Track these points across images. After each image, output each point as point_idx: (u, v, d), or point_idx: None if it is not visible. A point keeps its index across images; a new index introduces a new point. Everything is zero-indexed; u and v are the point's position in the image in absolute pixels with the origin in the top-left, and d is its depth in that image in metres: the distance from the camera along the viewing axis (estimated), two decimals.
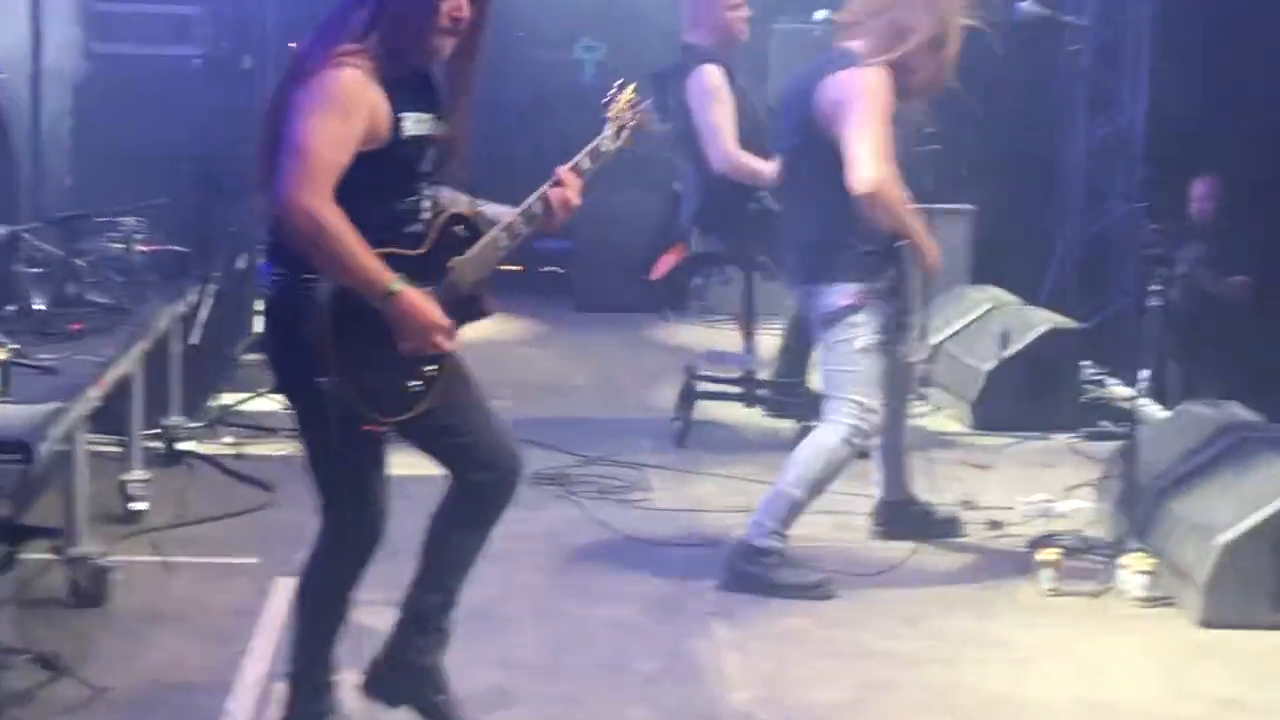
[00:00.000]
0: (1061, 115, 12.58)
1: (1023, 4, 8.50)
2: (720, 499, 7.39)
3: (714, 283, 9.11)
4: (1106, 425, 8.64)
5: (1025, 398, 8.81)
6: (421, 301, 4.20)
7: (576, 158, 4.55)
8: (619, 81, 4.77)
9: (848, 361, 6.26)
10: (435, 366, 4.34)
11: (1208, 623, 5.94)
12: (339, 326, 4.17)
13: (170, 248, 7.50)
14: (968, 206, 11.12)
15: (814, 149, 6.28)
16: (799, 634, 5.83)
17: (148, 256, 7.27)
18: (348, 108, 4.12)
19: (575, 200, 4.46)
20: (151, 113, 8.15)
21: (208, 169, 8.27)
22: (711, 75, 8.03)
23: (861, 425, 6.23)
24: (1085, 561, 6.57)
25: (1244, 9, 10.71)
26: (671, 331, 11.55)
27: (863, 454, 6.57)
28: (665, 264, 8.36)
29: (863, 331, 6.22)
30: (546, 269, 13.34)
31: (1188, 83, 11.33)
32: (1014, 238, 12.17)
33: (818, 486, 6.27)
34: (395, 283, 4.14)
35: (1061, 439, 8.65)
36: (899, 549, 6.64)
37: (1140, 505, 6.53)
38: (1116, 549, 6.47)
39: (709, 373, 8.77)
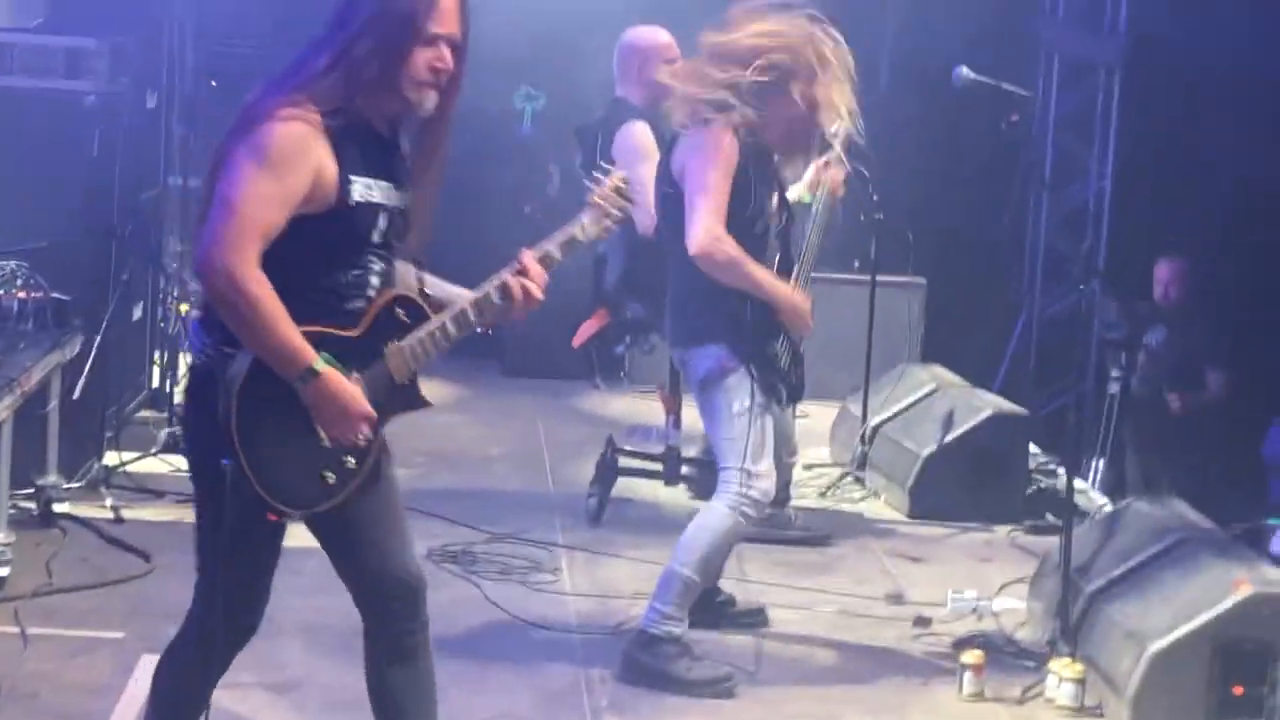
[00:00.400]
0: (1025, 185, 12.58)
1: (960, 70, 8.45)
2: (631, 584, 7.27)
3: (637, 351, 9.04)
4: (1051, 518, 8.57)
5: (966, 486, 8.70)
6: (344, 386, 4.02)
7: (546, 244, 4.33)
8: (607, 168, 4.51)
9: (726, 428, 6.18)
10: (354, 460, 4.16)
11: None
12: (251, 403, 3.99)
13: (52, 294, 7.37)
14: (918, 280, 11.02)
15: (676, 206, 6.24)
16: None
17: (26, 303, 7.16)
18: (286, 164, 3.94)
19: (538, 294, 4.25)
20: (39, 151, 8.02)
21: (98, 212, 8.16)
22: (640, 133, 7.98)
23: (748, 493, 6.14)
24: (1013, 665, 6.50)
25: (1210, 75, 10.75)
26: (602, 401, 11.43)
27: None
28: (586, 330, 8.28)
29: (736, 396, 6.15)
30: (479, 330, 13.22)
31: (1155, 154, 11.38)
32: (969, 314, 12.14)
33: (708, 563, 6.19)
34: (318, 362, 3.97)
35: (1003, 531, 8.56)
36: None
37: (1073, 607, 6.47)
38: (1046, 653, 6.40)
39: (630, 447, 8.67)
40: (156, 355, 9.65)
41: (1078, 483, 9.87)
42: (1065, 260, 12.24)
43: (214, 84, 11.46)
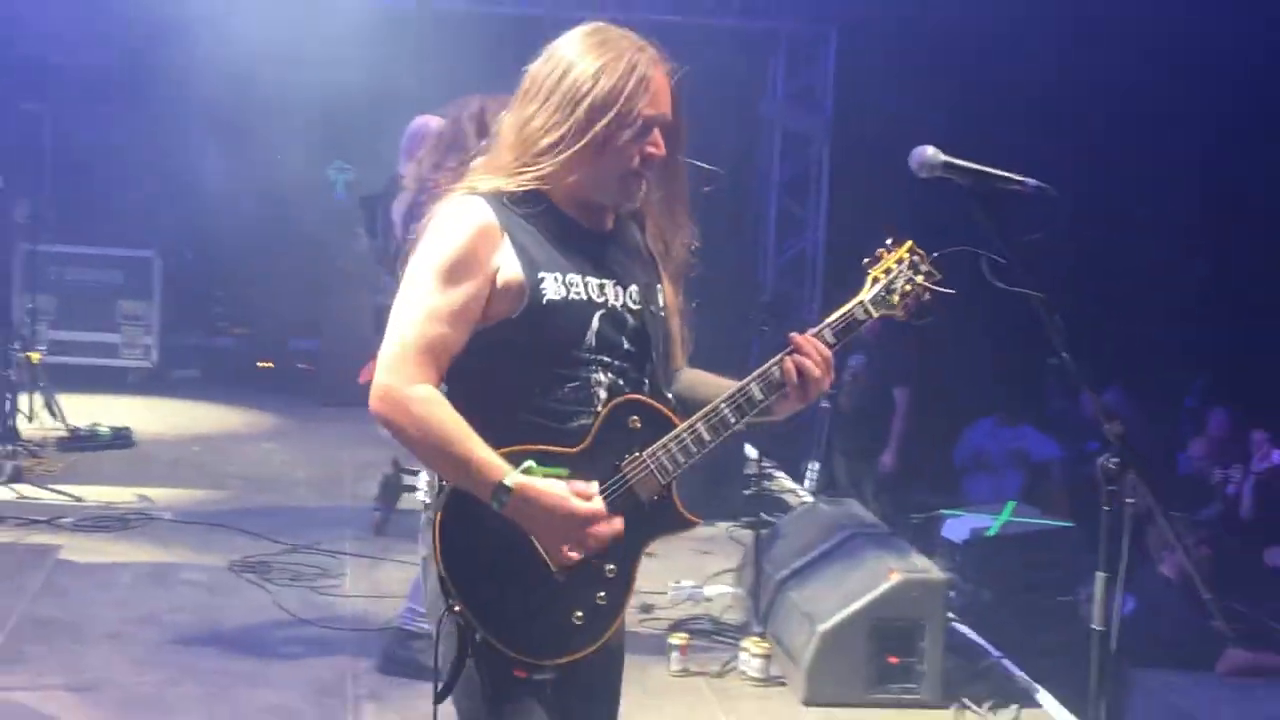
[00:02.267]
0: (756, 237, 12.69)
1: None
2: (404, 586, 7.03)
3: None
4: (765, 516, 8.56)
5: (691, 488, 8.64)
6: (547, 489, 2.92)
7: (824, 323, 3.28)
8: (889, 240, 3.42)
9: None
10: (604, 594, 3.03)
11: (810, 701, 5.88)
12: (462, 537, 2.97)
13: None
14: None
15: None
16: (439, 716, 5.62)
17: None
18: (457, 269, 2.96)
19: (817, 370, 3.16)
20: None
21: None
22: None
23: None
24: (716, 644, 6.48)
25: (903, 144, 10.85)
26: None
27: None
28: (368, 371, 8.09)
29: None
30: (300, 365, 13.04)
31: (860, 209, 11.49)
32: (712, 344, 12.12)
33: None
34: (509, 475, 2.89)
35: (724, 526, 8.54)
36: None
37: (763, 592, 6.47)
38: (741, 633, 6.39)
39: (412, 467, 8.52)
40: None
41: (789, 482, 10.01)
42: (790, 298, 12.36)
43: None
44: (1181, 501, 10.01)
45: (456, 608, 2.95)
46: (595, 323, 3.06)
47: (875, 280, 3.33)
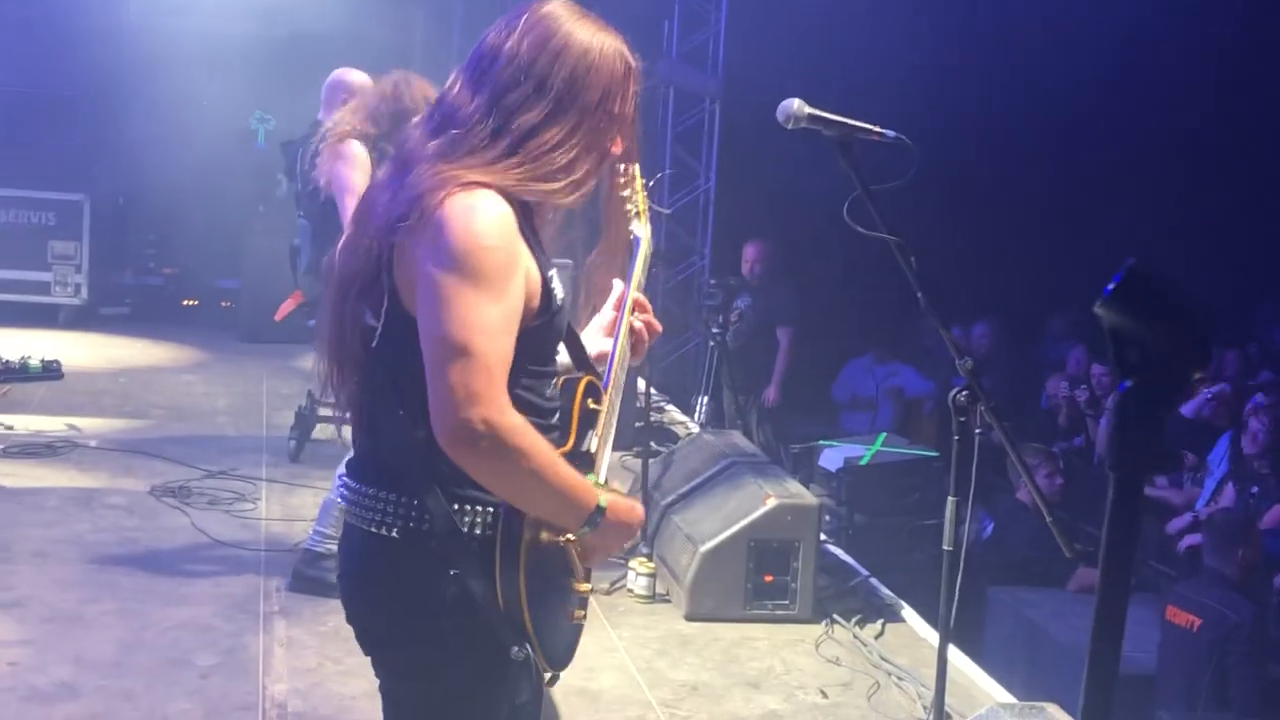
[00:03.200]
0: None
1: None
2: (315, 510, 6.98)
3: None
4: (654, 445, 8.54)
5: None
6: (630, 506, 2.66)
7: (632, 275, 3.00)
8: (624, 169, 3.00)
9: None
10: (588, 585, 2.75)
11: (692, 616, 5.88)
12: (522, 569, 2.53)
13: None
14: (565, 261, 10.91)
15: None
16: (345, 631, 5.54)
17: None
18: (500, 273, 2.45)
19: (658, 325, 2.99)
20: None
21: None
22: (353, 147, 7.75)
23: None
24: (607, 564, 6.43)
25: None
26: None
27: None
28: (285, 308, 7.97)
29: None
30: (223, 303, 12.84)
31: (746, 162, 11.46)
32: (606, 286, 12.08)
33: None
34: (603, 495, 2.57)
35: (617, 455, 8.50)
36: None
37: (651, 516, 6.45)
38: (629, 554, 6.36)
39: (325, 399, 8.40)
40: None
41: (680, 415, 9.99)
42: (682, 245, 12.32)
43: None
44: (1047, 433, 10.14)
45: (522, 650, 2.57)
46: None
47: (638, 212, 3.12)
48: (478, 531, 2.54)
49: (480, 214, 2.46)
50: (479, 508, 2.55)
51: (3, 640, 5.18)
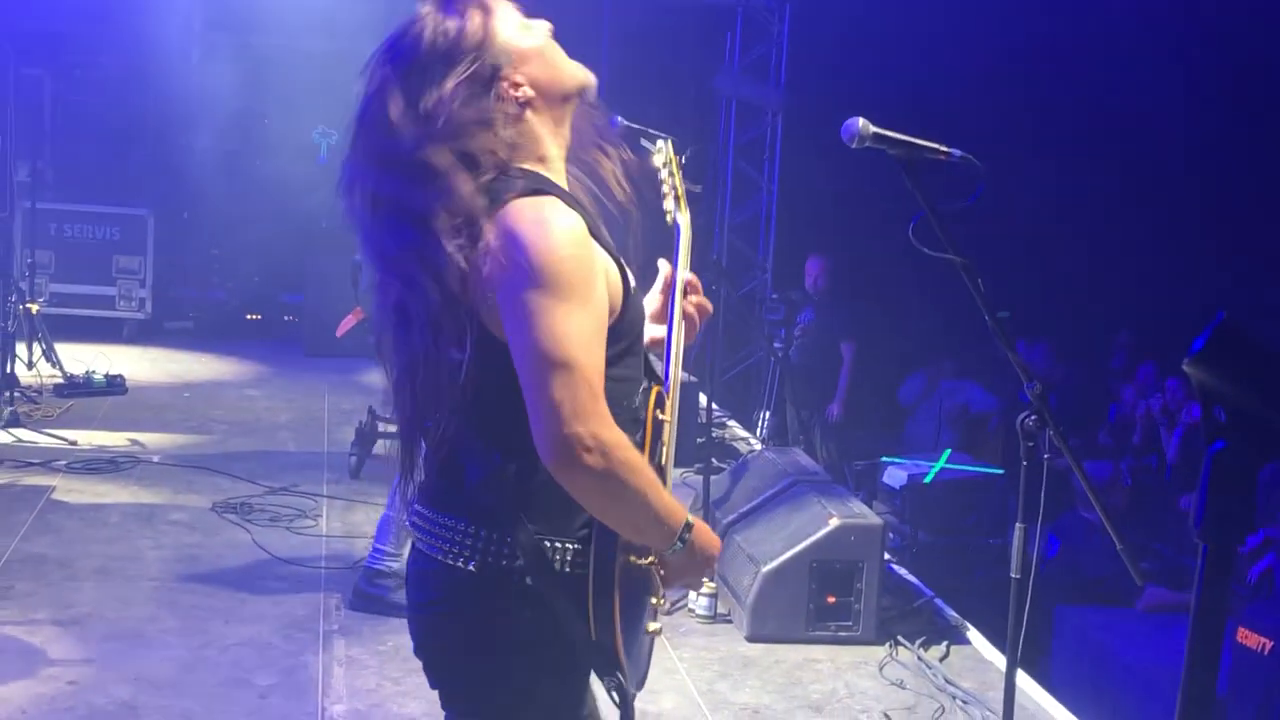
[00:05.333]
0: (710, 200, 12.56)
1: (618, 119, 8.32)
2: (374, 526, 7.04)
3: None
4: (716, 462, 8.47)
5: None
6: (711, 534, 2.57)
7: (677, 262, 2.89)
8: (657, 143, 3.06)
9: None
10: (663, 599, 2.66)
11: (753, 638, 5.81)
12: (615, 596, 2.47)
13: None
14: None
15: None
16: (404, 651, 5.54)
17: None
18: (585, 278, 2.38)
19: (708, 304, 2.89)
20: None
21: None
22: None
23: None
24: None
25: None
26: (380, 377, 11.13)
27: None
28: (346, 324, 8.00)
29: None
30: (286, 318, 12.90)
31: (809, 177, 11.39)
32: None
33: None
34: (688, 513, 2.51)
35: (678, 471, 8.45)
36: None
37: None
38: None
39: (386, 414, 8.41)
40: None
41: (742, 431, 9.93)
42: (744, 259, 12.26)
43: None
44: (1114, 448, 10.00)
45: (613, 680, 2.52)
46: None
47: (677, 194, 3.01)
48: (568, 570, 2.48)
49: (550, 225, 2.37)
50: (567, 543, 2.49)
51: (64, 659, 5.20)
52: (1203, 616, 1.16)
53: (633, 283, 2.54)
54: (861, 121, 3.19)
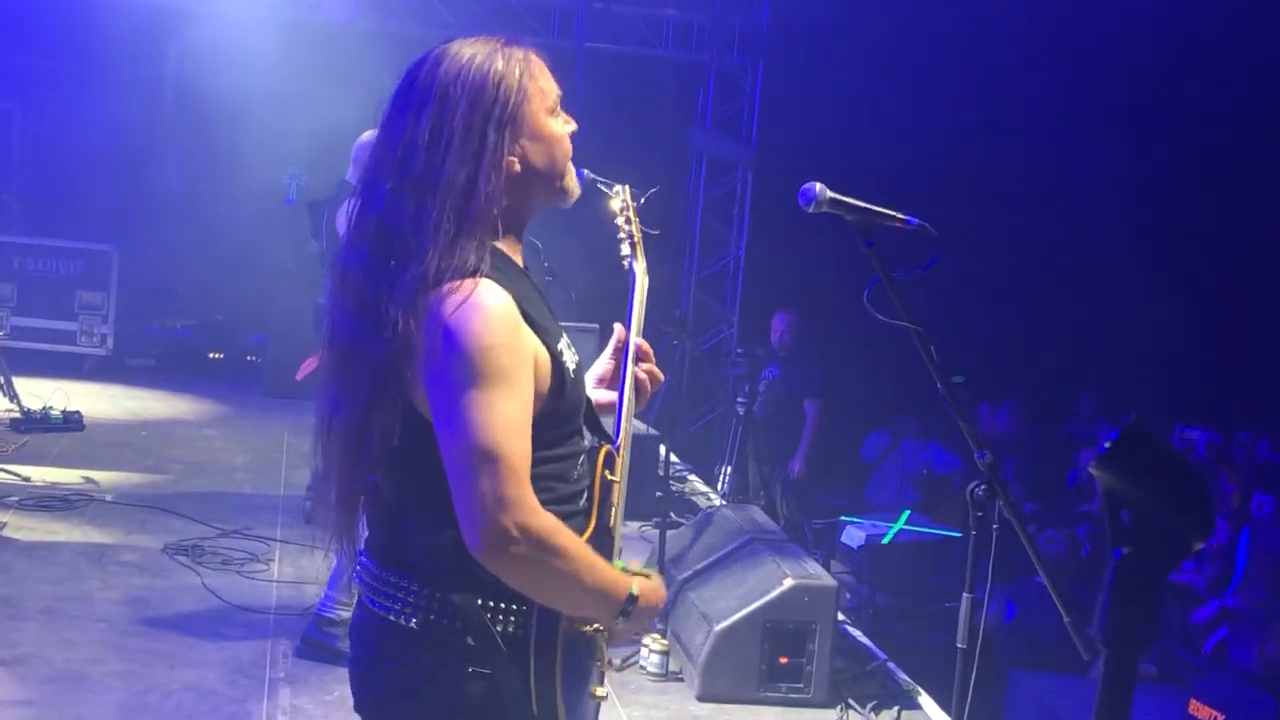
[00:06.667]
0: (679, 253, 12.58)
1: (584, 171, 8.33)
2: (326, 572, 6.98)
3: None
4: (673, 516, 8.44)
5: None
6: (657, 589, 2.60)
7: (631, 316, 2.87)
8: (614, 188, 3.06)
9: None
10: (608, 661, 2.68)
11: (704, 697, 5.77)
12: (557, 665, 2.49)
13: None
14: (591, 326, 10.89)
15: None
16: (350, 701, 5.46)
17: None
18: (511, 367, 2.36)
19: (659, 373, 2.89)
20: None
21: None
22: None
23: None
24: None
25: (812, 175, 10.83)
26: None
27: None
28: (306, 368, 7.94)
29: None
30: (249, 357, 12.83)
31: (776, 233, 11.44)
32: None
33: None
34: (634, 584, 2.53)
35: (635, 526, 8.41)
36: None
37: (667, 592, 6.34)
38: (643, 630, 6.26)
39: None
40: None
41: (702, 485, 9.90)
42: (711, 313, 12.28)
43: None
44: (1079, 514, 10.00)
45: None
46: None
47: (634, 242, 2.97)
48: (511, 630, 2.47)
49: (479, 312, 2.35)
50: (513, 606, 2.47)
51: (4, 699, 5.12)
52: None
53: (571, 365, 2.50)
54: (819, 187, 3.20)
